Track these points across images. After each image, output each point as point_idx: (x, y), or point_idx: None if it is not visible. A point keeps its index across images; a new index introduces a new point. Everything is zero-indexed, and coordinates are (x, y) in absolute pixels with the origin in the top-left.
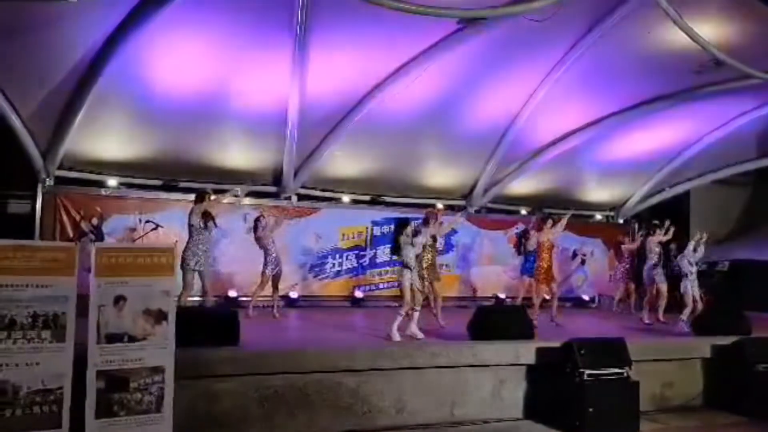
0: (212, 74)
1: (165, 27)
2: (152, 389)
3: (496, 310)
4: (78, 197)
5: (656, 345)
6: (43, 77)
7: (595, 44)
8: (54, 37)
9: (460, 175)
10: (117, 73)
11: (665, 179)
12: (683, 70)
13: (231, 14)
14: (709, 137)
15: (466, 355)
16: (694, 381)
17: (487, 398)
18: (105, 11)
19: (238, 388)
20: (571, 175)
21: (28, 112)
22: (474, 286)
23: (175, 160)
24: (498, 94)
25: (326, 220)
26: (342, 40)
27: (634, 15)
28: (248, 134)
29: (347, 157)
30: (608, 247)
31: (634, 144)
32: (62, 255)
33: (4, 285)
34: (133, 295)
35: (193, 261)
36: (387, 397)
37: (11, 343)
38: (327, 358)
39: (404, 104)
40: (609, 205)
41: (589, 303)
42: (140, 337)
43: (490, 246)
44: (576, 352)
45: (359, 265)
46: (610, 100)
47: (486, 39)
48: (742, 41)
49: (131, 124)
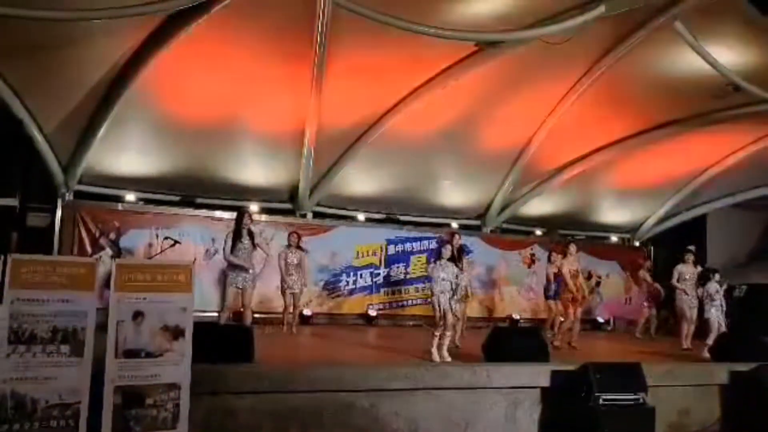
0: (231, 93)
1: (187, 48)
2: (168, 405)
3: (511, 332)
4: (97, 212)
5: (673, 370)
6: (66, 94)
7: (611, 67)
8: (78, 55)
9: (475, 195)
10: (138, 91)
11: (682, 202)
12: (701, 94)
13: (251, 34)
14: (726, 161)
15: (480, 377)
16: (711, 408)
17: (501, 421)
18: (129, 31)
19: (253, 405)
20: (587, 197)
21: (51, 128)
22: (489, 307)
23: (193, 177)
24: (514, 115)
25: (341, 238)
26: (359, 62)
27: (652, 39)
28: (265, 152)
29: (363, 176)
30: (624, 270)
31: (651, 166)
32: (83, 270)
33: (24, 299)
34: (151, 311)
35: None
36: (400, 418)
37: (31, 356)
38: (341, 377)
39: (420, 124)
40: (625, 228)
41: (605, 325)
42: (157, 353)
43: (504, 266)
44: (592, 376)
45: (373, 284)
46: (626, 122)
47: (503, 61)
48: (760, 65)
49: (151, 141)
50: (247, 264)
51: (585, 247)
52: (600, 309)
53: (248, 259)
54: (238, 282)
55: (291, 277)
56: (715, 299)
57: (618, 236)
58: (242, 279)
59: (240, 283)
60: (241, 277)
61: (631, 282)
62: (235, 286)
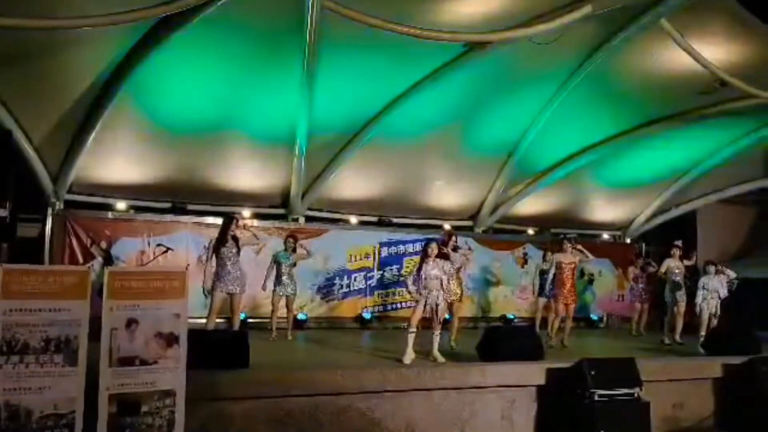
0: (221, 98)
1: (175, 52)
2: (164, 412)
3: (505, 331)
4: (87, 221)
5: (667, 365)
6: (55, 102)
7: (599, 66)
8: (65, 62)
9: (467, 195)
10: (126, 98)
11: (671, 199)
12: (687, 91)
13: (239, 38)
14: (714, 157)
15: (475, 377)
16: (705, 401)
17: (497, 420)
18: (116, 37)
19: (250, 411)
20: (578, 195)
21: (39, 137)
22: (482, 307)
23: (183, 183)
24: (504, 115)
25: (334, 241)
26: (350, 63)
27: (638, 36)
28: (256, 157)
29: (354, 179)
30: (616, 267)
31: (640, 164)
32: (75, 279)
33: (17, 309)
34: (145, 318)
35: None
36: (397, 419)
37: (24, 367)
38: (337, 380)
39: (411, 126)
40: (616, 225)
41: (598, 323)
42: (152, 361)
43: (498, 266)
44: (587, 373)
45: (367, 287)
46: (615, 120)
47: (492, 61)
48: (746, 61)
49: (140, 148)
50: (233, 270)
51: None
52: (593, 306)
53: (235, 264)
54: (225, 287)
55: (284, 280)
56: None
57: (609, 233)
58: (229, 284)
59: (226, 289)
60: (226, 282)
61: (623, 279)
62: (222, 292)
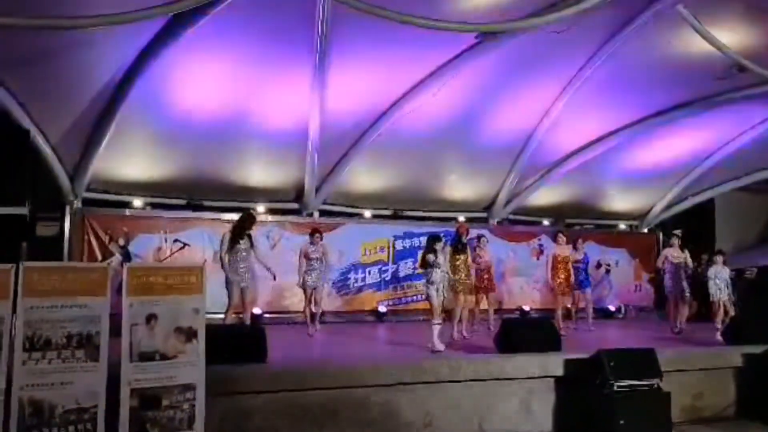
0: (234, 94)
1: (188, 50)
2: (184, 406)
3: (522, 323)
4: (105, 218)
5: (686, 355)
6: (71, 101)
7: (614, 54)
8: (81, 61)
9: (481, 187)
10: (142, 96)
11: (689, 187)
12: (704, 77)
13: (251, 34)
14: (731, 144)
15: (493, 369)
16: (725, 391)
17: (515, 411)
18: (131, 36)
19: (268, 405)
20: (594, 185)
21: (56, 136)
22: (499, 299)
23: (199, 180)
24: (518, 105)
25: (348, 235)
26: (362, 57)
27: (653, 23)
28: (270, 152)
29: (368, 172)
30: (633, 257)
31: (656, 152)
32: (95, 275)
33: (38, 306)
34: (164, 313)
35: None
36: (415, 412)
37: (46, 363)
38: (354, 373)
39: (424, 118)
40: (633, 215)
41: (616, 313)
42: (171, 355)
43: (513, 258)
44: (605, 364)
45: (381, 280)
46: (630, 108)
47: (505, 51)
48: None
49: (156, 145)
50: (244, 263)
51: (593, 235)
52: (611, 297)
53: (246, 258)
54: (240, 280)
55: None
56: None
57: (626, 223)
58: (242, 277)
59: (241, 282)
60: (240, 275)
61: (640, 269)
62: (237, 285)
